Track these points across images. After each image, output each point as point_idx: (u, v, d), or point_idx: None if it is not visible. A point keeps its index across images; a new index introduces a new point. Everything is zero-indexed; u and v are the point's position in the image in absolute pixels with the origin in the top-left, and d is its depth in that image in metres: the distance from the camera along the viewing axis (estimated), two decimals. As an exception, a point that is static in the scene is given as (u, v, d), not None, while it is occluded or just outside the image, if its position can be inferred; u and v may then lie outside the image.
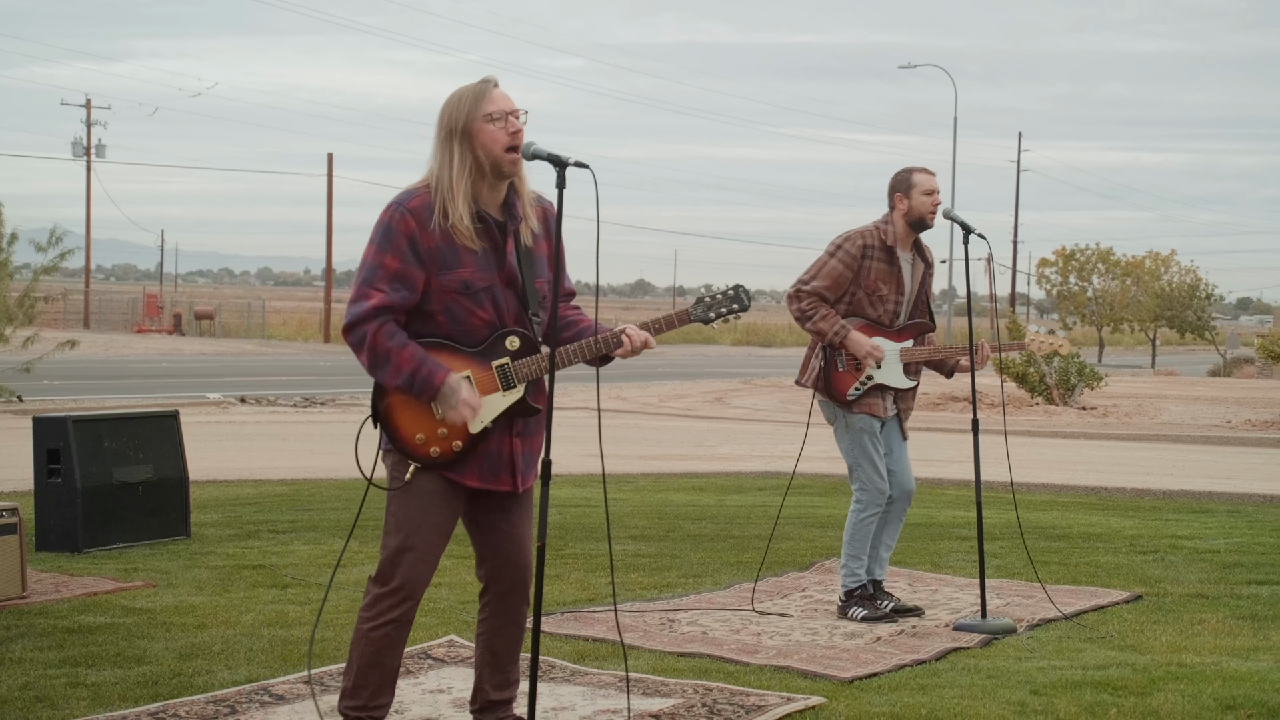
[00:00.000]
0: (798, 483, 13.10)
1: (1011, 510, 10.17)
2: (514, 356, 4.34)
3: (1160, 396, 29.03)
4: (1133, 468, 15.21)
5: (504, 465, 4.38)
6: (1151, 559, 8.65)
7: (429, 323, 4.31)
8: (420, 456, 4.33)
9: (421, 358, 4.24)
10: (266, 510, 10.21)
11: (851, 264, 6.75)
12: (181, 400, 21.66)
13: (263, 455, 14.63)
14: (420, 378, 4.23)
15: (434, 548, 4.35)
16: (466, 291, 4.28)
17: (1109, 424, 21.69)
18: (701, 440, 18.12)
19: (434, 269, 4.26)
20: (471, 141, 4.26)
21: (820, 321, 6.76)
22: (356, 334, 4.27)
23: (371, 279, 4.26)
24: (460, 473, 4.35)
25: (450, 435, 4.31)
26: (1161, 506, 11.68)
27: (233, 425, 18.37)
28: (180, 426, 8.94)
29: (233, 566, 7.85)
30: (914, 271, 6.86)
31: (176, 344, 47.94)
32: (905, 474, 6.90)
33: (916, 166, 6.85)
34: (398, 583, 4.31)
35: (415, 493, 4.34)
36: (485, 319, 4.31)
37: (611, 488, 12.26)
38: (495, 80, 4.34)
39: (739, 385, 30.98)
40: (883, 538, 6.92)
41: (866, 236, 6.78)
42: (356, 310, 4.26)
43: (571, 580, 7.62)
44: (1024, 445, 17.61)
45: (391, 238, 4.25)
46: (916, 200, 6.75)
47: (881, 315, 6.79)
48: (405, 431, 4.33)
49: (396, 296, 4.25)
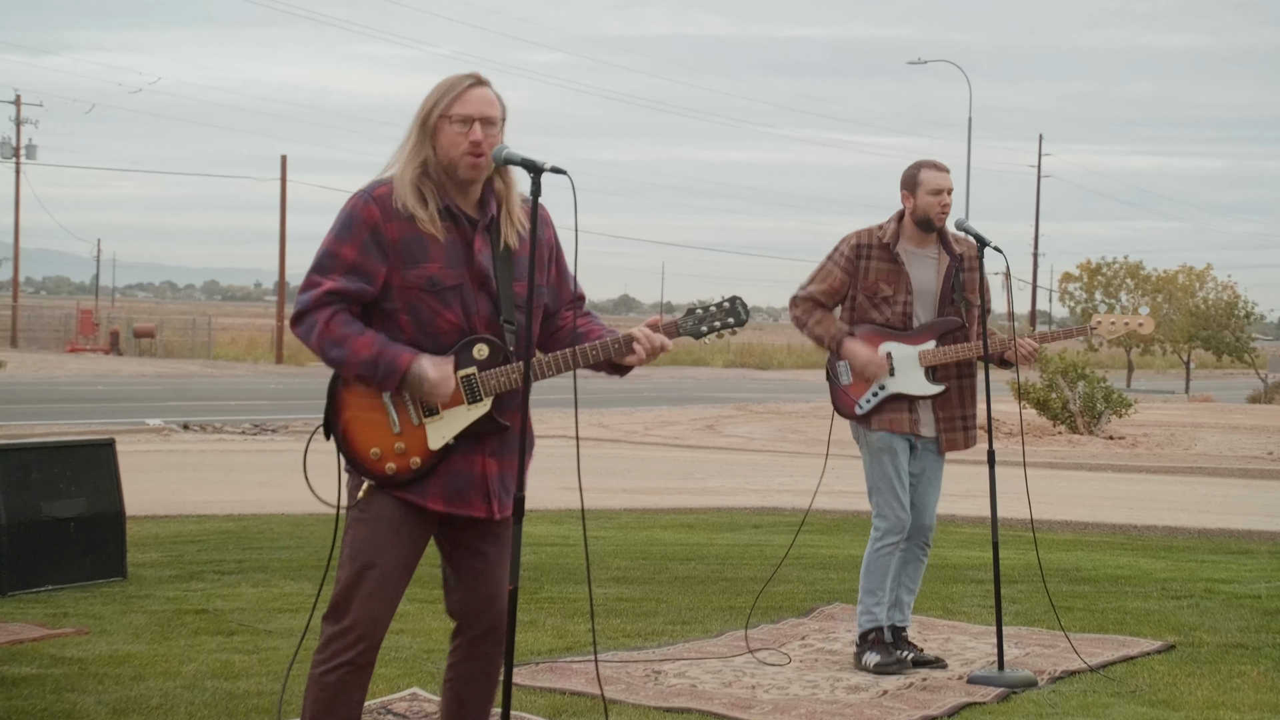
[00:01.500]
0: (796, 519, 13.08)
1: (1031, 550, 10.17)
2: (481, 366, 4.32)
3: (1195, 425, 29.09)
4: (1165, 503, 15.23)
5: (475, 488, 4.34)
6: (1185, 605, 8.65)
7: (390, 323, 4.30)
8: (375, 474, 4.29)
9: (384, 341, 4.24)
10: (211, 549, 10.18)
11: (846, 265, 6.82)
12: (118, 427, 21.60)
13: (208, 488, 14.58)
14: (384, 362, 4.21)
15: (393, 581, 4.30)
16: (433, 289, 4.27)
17: (1139, 455, 21.73)
18: (691, 472, 18.10)
19: (398, 262, 4.26)
20: (435, 140, 4.30)
21: (815, 327, 6.84)
22: (306, 322, 4.26)
23: (326, 266, 4.27)
24: (423, 495, 4.30)
25: (409, 451, 4.28)
26: (1196, 546, 11.69)
27: (175, 455, 18.31)
28: (116, 456, 8.91)
29: (173, 611, 7.82)
30: (939, 267, 6.85)
31: (113, 364, 47.81)
32: (925, 507, 6.89)
33: (928, 161, 6.85)
34: (351, 619, 4.26)
35: (372, 518, 4.30)
36: (453, 322, 4.30)
37: (592, 524, 12.23)
38: (480, 79, 4.36)
39: (732, 411, 30.97)
40: (902, 580, 6.91)
41: (861, 236, 6.87)
42: (306, 297, 4.26)
43: (547, 627, 7.60)
44: (1045, 478, 17.63)
45: (352, 226, 4.26)
46: (922, 200, 6.76)
47: (890, 318, 6.80)
48: (359, 445, 4.30)
49: (352, 286, 4.25)
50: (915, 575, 6.95)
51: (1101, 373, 26.39)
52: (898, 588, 6.90)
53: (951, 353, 6.78)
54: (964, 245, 6.91)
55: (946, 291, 6.84)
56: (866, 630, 6.80)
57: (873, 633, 6.79)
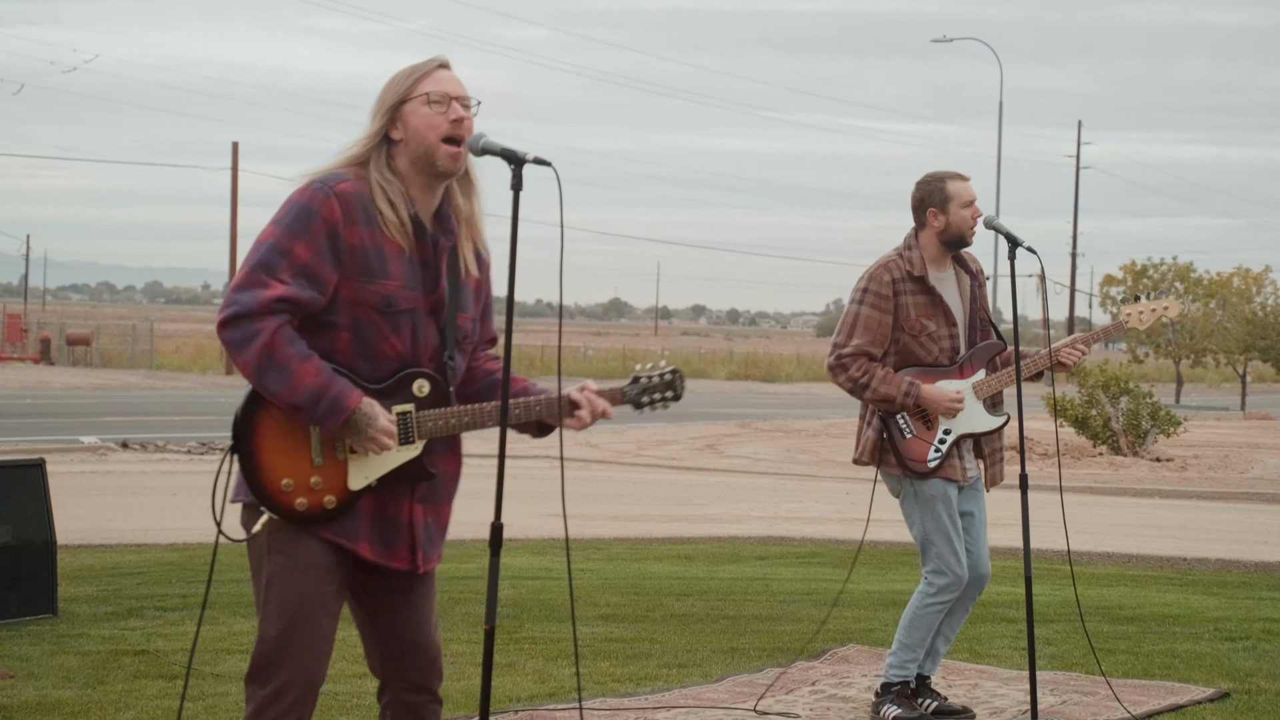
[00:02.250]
0: (807, 550, 13.10)
1: (1068, 586, 10.17)
2: (420, 405, 4.28)
3: (1252, 445, 29.12)
4: (1218, 533, 15.24)
5: (400, 536, 4.30)
6: (1241, 647, 8.66)
7: (327, 339, 4.20)
8: (281, 507, 4.19)
9: (330, 373, 4.12)
10: (151, 582, 10.16)
11: (886, 306, 6.72)
12: (49, 445, 21.58)
13: (148, 514, 14.57)
14: (328, 398, 4.09)
15: (324, 634, 4.24)
16: (386, 310, 4.21)
17: (1189, 479, 21.75)
18: (689, 497, 18.11)
19: (353, 273, 4.18)
20: (403, 126, 4.25)
21: (882, 385, 6.69)
22: (245, 329, 4.08)
23: (273, 265, 4.12)
24: (355, 539, 4.24)
25: (324, 488, 4.19)
26: (1253, 582, 11.70)
27: (112, 476, 18.29)
28: (46, 478, 8.90)
29: (109, 652, 7.81)
30: (961, 290, 6.86)
31: (44, 375, 47.79)
32: (981, 554, 6.88)
33: (948, 172, 6.84)
34: (284, 680, 4.18)
35: (301, 566, 4.22)
36: (398, 350, 4.25)
37: (579, 556, 12.23)
38: (445, 61, 4.34)
39: (735, 429, 31.00)
40: (942, 629, 6.91)
41: (892, 270, 6.75)
42: (249, 299, 4.09)
43: (527, 670, 7.60)
44: (1084, 505, 17.64)
45: (308, 222, 4.15)
46: (955, 215, 6.73)
47: (939, 356, 6.77)
48: (269, 472, 4.19)
49: (304, 294, 4.13)
50: (957, 625, 6.96)
51: (1147, 387, 26.44)
52: (935, 636, 6.90)
53: (1004, 380, 6.78)
54: (973, 260, 7.00)
55: (974, 313, 6.86)
56: (893, 682, 6.80)
57: (899, 685, 6.78)
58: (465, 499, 4.74)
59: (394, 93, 4.27)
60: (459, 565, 11.28)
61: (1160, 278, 58.07)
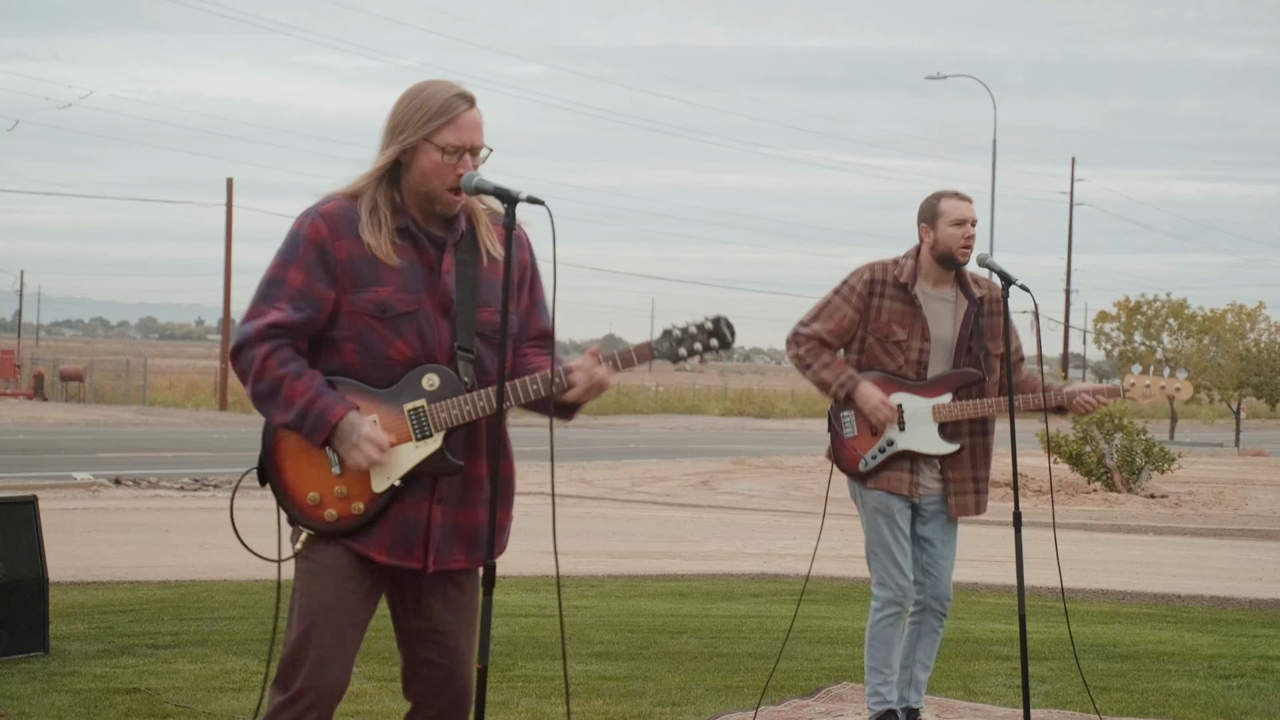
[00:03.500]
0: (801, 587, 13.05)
1: (1062, 623, 10.16)
2: (431, 399, 4.30)
3: (1246, 482, 29.13)
4: (1212, 570, 15.23)
5: (417, 536, 4.32)
6: (1236, 685, 8.65)
7: (336, 354, 4.29)
8: (313, 521, 4.27)
9: (318, 390, 4.21)
10: (144, 620, 10.14)
11: (857, 303, 6.79)
12: (41, 482, 21.53)
13: (141, 551, 14.54)
14: (314, 413, 4.18)
15: (344, 642, 4.27)
16: (384, 315, 4.26)
17: (1183, 516, 21.74)
18: (683, 534, 18.09)
19: (347, 285, 4.26)
20: (413, 161, 4.29)
21: (822, 370, 6.79)
22: (244, 358, 4.26)
23: (270, 294, 4.27)
24: (368, 544, 4.28)
25: (351, 495, 4.25)
26: (1248, 619, 11.69)
27: (105, 513, 18.26)
28: (39, 515, 8.88)
29: (101, 690, 7.79)
30: (957, 312, 6.86)
31: (37, 411, 47.73)
32: (940, 575, 6.88)
33: (948, 190, 6.88)
34: (300, 686, 4.23)
35: (320, 570, 4.28)
36: (406, 353, 4.29)
37: (572, 593, 12.21)
38: (473, 99, 4.35)
39: (729, 466, 30.98)
40: (916, 655, 6.91)
41: (876, 271, 6.84)
42: (247, 329, 4.26)
43: (521, 709, 7.59)
44: (1079, 542, 17.63)
45: (298, 247, 4.28)
46: (943, 232, 6.77)
47: (903, 366, 6.79)
48: (296, 490, 4.27)
49: (297, 315, 4.24)
50: (930, 650, 6.95)
51: (1141, 423, 26.43)
52: (912, 665, 6.90)
53: (970, 409, 6.75)
54: (985, 287, 6.93)
55: (964, 340, 6.84)
56: (878, 714, 6.79)
57: (884, 717, 6.78)
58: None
59: (415, 129, 4.28)
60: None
61: (1154, 314, 58.16)
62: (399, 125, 4.31)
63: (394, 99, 4.39)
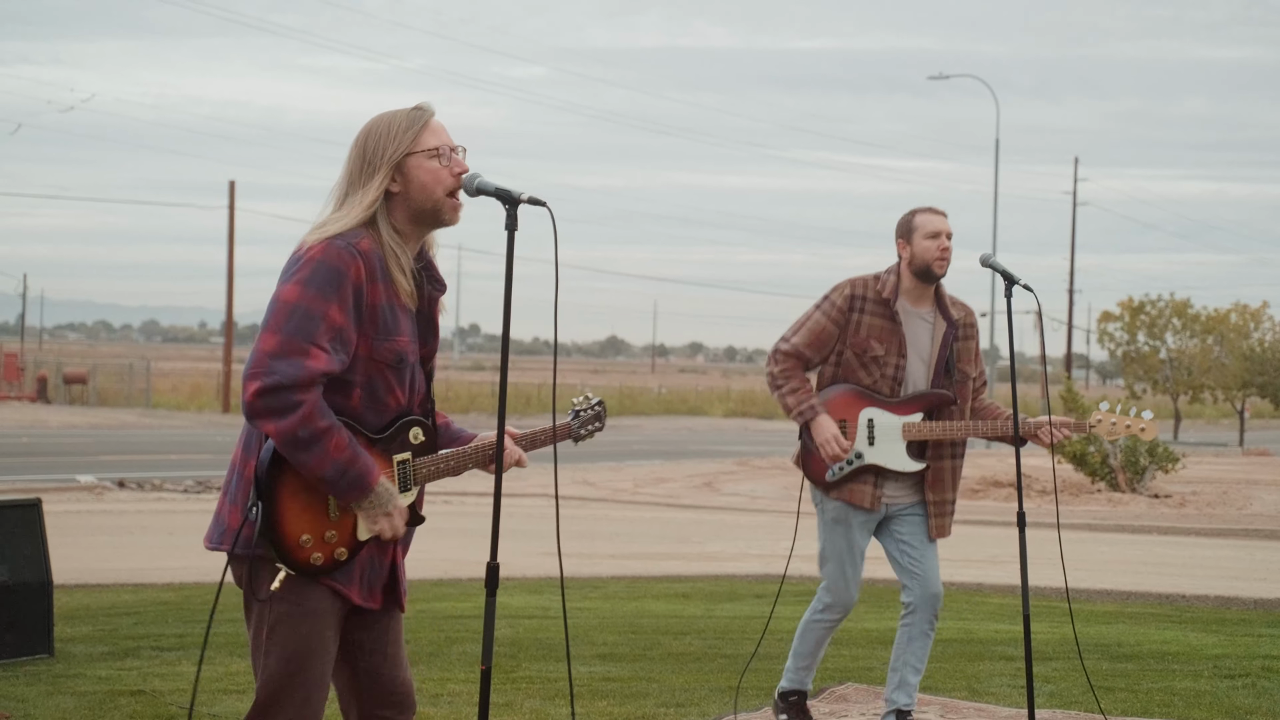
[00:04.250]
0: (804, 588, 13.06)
1: (1067, 623, 10.17)
2: (415, 452, 4.36)
3: (1250, 481, 29.11)
4: (1217, 570, 15.23)
5: (380, 579, 4.39)
6: (1240, 685, 8.65)
7: (342, 396, 4.23)
8: (298, 563, 4.21)
9: (355, 448, 4.14)
10: (149, 622, 10.15)
11: (837, 317, 6.83)
12: (45, 485, 21.57)
13: (145, 553, 14.55)
14: (355, 473, 4.14)
15: (325, 680, 4.32)
16: (398, 366, 4.27)
17: (1187, 516, 21.74)
18: (686, 535, 18.09)
19: (371, 331, 4.20)
20: (405, 181, 4.25)
21: (788, 395, 6.88)
22: (285, 399, 4.02)
23: (312, 332, 4.08)
24: (348, 583, 4.30)
25: (338, 540, 4.24)
26: (1252, 619, 11.68)
27: (109, 516, 18.28)
28: (43, 518, 8.90)
29: (106, 693, 7.80)
30: (935, 333, 6.87)
31: (40, 414, 47.78)
32: (928, 574, 6.89)
33: (922, 206, 6.92)
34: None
35: (306, 614, 4.26)
36: (400, 401, 4.32)
37: (576, 594, 12.22)
38: (432, 109, 4.35)
39: (732, 467, 30.99)
40: (907, 658, 6.91)
41: (856, 286, 6.86)
42: (292, 370, 4.03)
43: (525, 710, 7.59)
44: (1082, 542, 17.62)
45: (339, 285, 4.12)
46: (919, 245, 6.78)
47: (878, 381, 6.80)
48: (289, 529, 4.20)
49: (337, 362, 4.14)
50: (921, 653, 6.95)
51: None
52: (902, 667, 6.90)
53: (939, 430, 6.78)
54: (961, 309, 6.98)
55: (942, 361, 6.87)
56: (786, 691, 7.05)
57: (795, 695, 7.02)
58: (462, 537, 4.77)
59: (395, 147, 4.24)
60: (456, 604, 11.27)
61: (1158, 314, 58.14)
62: (373, 155, 4.23)
63: (397, 103, 4.36)
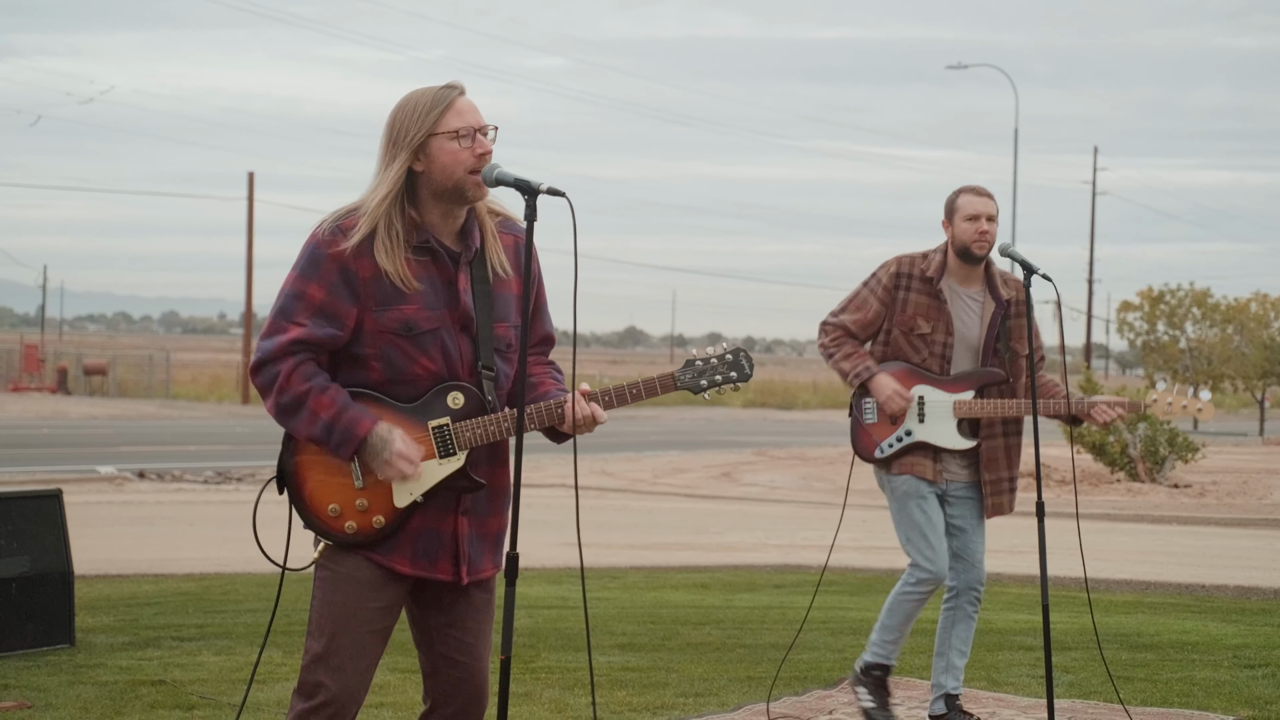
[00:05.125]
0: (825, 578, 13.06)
1: (1086, 613, 10.15)
2: (455, 416, 4.33)
3: (1270, 471, 29.04)
4: (1237, 560, 15.19)
5: (444, 549, 4.35)
6: (1261, 675, 8.63)
7: (360, 370, 4.30)
8: (333, 533, 4.29)
9: (345, 403, 4.22)
10: (169, 612, 10.18)
11: (883, 294, 6.88)
12: (66, 476, 21.62)
13: (165, 544, 14.58)
14: (341, 427, 4.20)
15: (365, 651, 4.31)
16: (409, 334, 4.27)
17: (1207, 505, 21.69)
18: (705, 525, 18.09)
19: (370, 304, 4.25)
20: (428, 160, 4.27)
21: (842, 361, 6.90)
22: (266, 373, 4.25)
23: (290, 310, 4.26)
24: (390, 555, 4.31)
25: (371, 508, 4.27)
26: (1273, 609, 11.66)
27: (129, 506, 18.32)
28: (64, 509, 8.92)
29: (127, 682, 7.82)
30: (984, 312, 6.89)
31: (61, 405, 47.88)
32: (974, 560, 6.95)
33: (968, 186, 6.93)
34: (323, 697, 4.27)
35: (342, 579, 4.30)
36: (430, 369, 4.31)
37: (595, 584, 12.23)
38: (461, 87, 4.34)
39: (751, 457, 30.98)
40: (952, 641, 6.95)
41: (903, 264, 6.91)
42: (269, 345, 4.25)
43: (544, 700, 7.60)
44: (1102, 532, 17.59)
45: (319, 263, 4.25)
46: (959, 227, 6.83)
47: (927, 359, 6.83)
48: (316, 501, 4.29)
49: (320, 332, 4.24)
50: (966, 636, 6.99)
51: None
52: (948, 650, 6.95)
53: (991, 407, 6.79)
54: (1013, 288, 6.97)
55: (990, 340, 6.87)
56: (870, 664, 6.99)
57: (876, 668, 6.95)
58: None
59: (418, 127, 4.27)
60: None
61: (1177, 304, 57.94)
62: (399, 135, 4.28)
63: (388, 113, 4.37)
